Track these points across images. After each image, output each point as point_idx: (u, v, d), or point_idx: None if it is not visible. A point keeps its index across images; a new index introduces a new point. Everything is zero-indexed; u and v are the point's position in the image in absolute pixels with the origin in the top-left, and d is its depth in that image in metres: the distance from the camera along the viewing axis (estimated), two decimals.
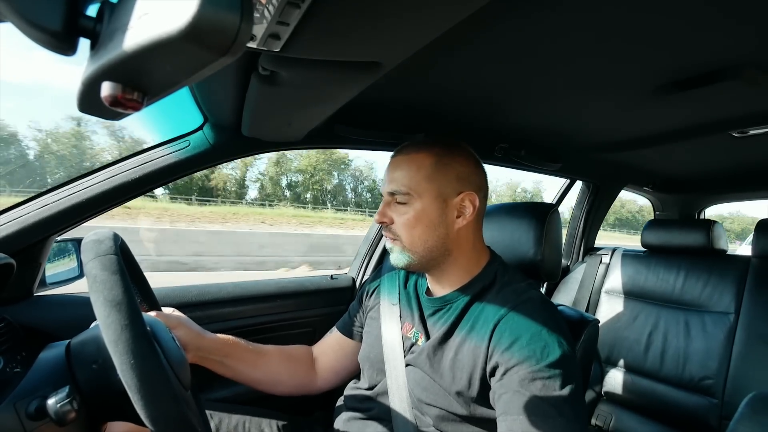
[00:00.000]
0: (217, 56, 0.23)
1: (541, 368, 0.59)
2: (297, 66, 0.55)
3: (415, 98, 0.93)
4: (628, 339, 1.48)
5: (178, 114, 0.88)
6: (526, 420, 0.57)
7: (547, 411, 0.57)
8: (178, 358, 0.57)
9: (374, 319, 0.85)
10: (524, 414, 0.58)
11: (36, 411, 0.47)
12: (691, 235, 1.45)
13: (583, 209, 1.88)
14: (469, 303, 0.72)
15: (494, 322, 0.66)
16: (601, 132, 1.18)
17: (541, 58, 0.71)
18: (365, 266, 1.39)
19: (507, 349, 0.62)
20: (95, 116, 0.29)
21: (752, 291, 1.30)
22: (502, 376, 0.62)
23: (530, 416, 0.57)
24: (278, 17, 0.41)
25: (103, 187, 0.80)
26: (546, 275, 0.87)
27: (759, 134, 1.04)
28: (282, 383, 0.88)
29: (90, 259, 0.46)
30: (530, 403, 0.58)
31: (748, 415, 0.63)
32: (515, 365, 0.61)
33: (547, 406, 0.57)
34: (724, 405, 1.23)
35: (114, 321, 0.42)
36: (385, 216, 0.73)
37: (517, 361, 0.61)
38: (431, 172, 0.70)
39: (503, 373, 0.62)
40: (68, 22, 0.25)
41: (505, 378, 0.61)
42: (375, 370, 0.81)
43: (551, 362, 0.60)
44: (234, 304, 1.09)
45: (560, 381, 0.59)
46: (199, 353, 0.77)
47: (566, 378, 0.59)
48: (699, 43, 0.64)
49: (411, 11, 0.43)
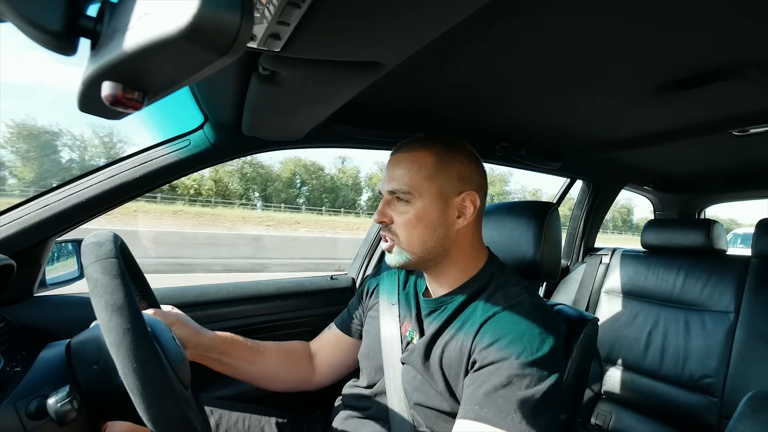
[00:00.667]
0: (218, 56, 0.23)
1: (513, 367, 0.59)
2: (297, 66, 0.55)
3: (415, 97, 0.93)
4: (628, 338, 1.48)
5: (178, 113, 0.88)
6: (480, 409, 0.58)
7: (503, 407, 0.57)
8: (178, 357, 0.56)
9: (374, 318, 0.85)
10: (480, 403, 0.58)
11: (36, 410, 0.47)
12: (690, 234, 1.45)
13: (583, 209, 1.88)
14: (463, 304, 0.72)
15: (481, 322, 0.66)
16: (601, 131, 1.18)
17: (541, 58, 0.71)
18: (365, 266, 1.39)
19: (486, 347, 0.63)
20: (96, 116, 0.29)
21: (752, 290, 1.30)
22: (475, 371, 0.62)
23: (484, 406, 0.58)
24: (278, 17, 0.41)
25: (103, 187, 0.80)
26: (545, 275, 0.87)
27: (759, 133, 1.04)
28: (280, 379, 0.88)
29: (91, 263, 0.46)
30: (490, 396, 0.58)
31: (748, 413, 0.64)
32: (489, 363, 0.61)
33: (504, 402, 0.57)
34: (724, 404, 1.23)
35: (116, 325, 0.42)
36: (384, 215, 0.72)
37: (493, 359, 0.61)
38: (433, 171, 0.70)
39: (476, 369, 0.62)
40: (68, 22, 0.25)
41: (477, 372, 0.62)
42: (374, 369, 0.81)
43: (524, 363, 0.59)
44: (234, 304, 1.09)
45: (527, 381, 0.58)
46: (198, 351, 0.77)
47: (536, 381, 0.59)
48: (699, 42, 0.64)
49: (411, 11, 0.43)
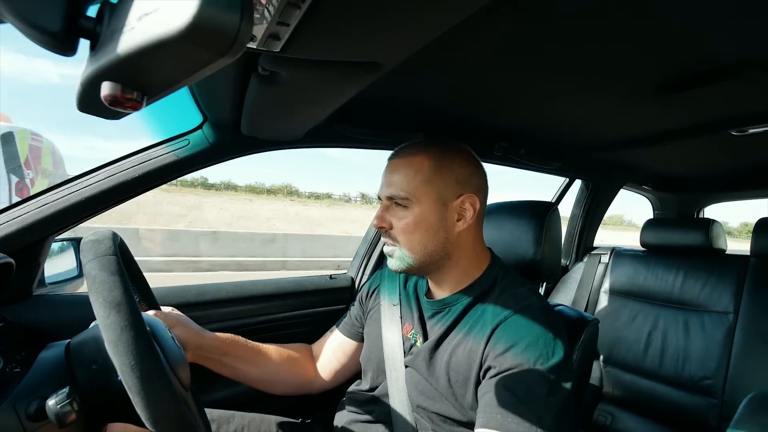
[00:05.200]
0: (217, 56, 0.23)
1: (532, 374, 0.59)
2: (297, 66, 0.55)
3: (415, 97, 0.93)
4: (628, 338, 1.48)
5: (177, 113, 0.88)
6: (503, 419, 0.57)
7: (525, 414, 0.56)
8: (178, 357, 0.56)
9: (375, 320, 0.85)
10: (502, 413, 0.58)
11: (36, 412, 0.47)
12: (690, 234, 1.45)
13: (583, 208, 1.88)
14: (468, 306, 0.71)
15: (492, 326, 0.66)
16: (600, 131, 1.18)
17: (541, 57, 0.71)
18: (364, 266, 1.39)
19: (502, 353, 0.62)
20: (95, 116, 0.29)
21: (751, 290, 1.30)
22: (492, 377, 0.62)
23: (507, 416, 0.57)
24: (278, 17, 0.41)
25: (102, 186, 0.80)
26: (545, 275, 0.86)
27: (758, 133, 1.04)
28: (281, 382, 0.87)
29: (89, 260, 0.46)
30: (511, 404, 0.58)
31: (748, 415, 0.63)
32: (507, 369, 0.61)
33: (526, 410, 0.57)
34: (724, 405, 1.23)
35: (114, 322, 0.42)
36: (383, 221, 0.72)
37: (510, 366, 0.61)
38: (430, 175, 0.69)
39: (493, 375, 0.62)
40: (68, 23, 0.25)
41: (494, 379, 0.61)
42: (376, 372, 0.80)
43: (543, 369, 0.59)
44: (233, 304, 1.09)
45: (548, 388, 0.58)
46: (199, 352, 0.77)
47: (555, 387, 0.59)
48: (699, 42, 0.64)
49: (410, 11, 0.43)
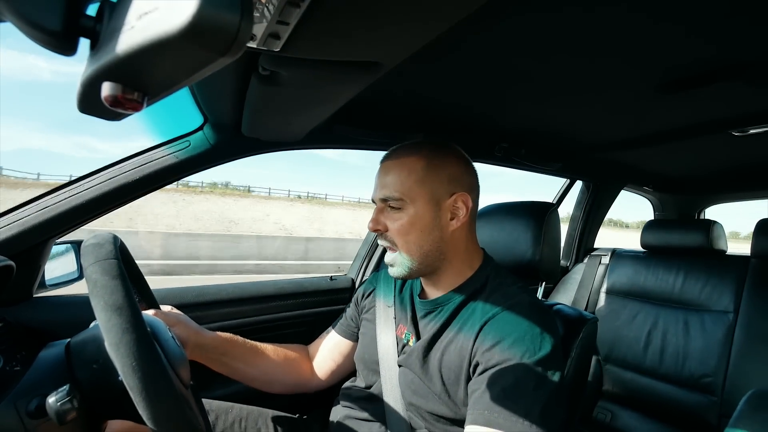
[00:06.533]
0: (217, 56, 0.23)
1: (519, 368, 0.59)
2: (297, 66, 0.55)
3: (415, 98, 0.93)
4: (628, 337, 1.48)
5: (178, 114, 0.88)
6: (490, 414, 0.57)
7: (513, 408, 0.57)
8: (178, 356, 0.56)
9: (369, 321, 0.86)
10: (490, 408, 0.58)
11: (36, 409, 0.47)
12: (690, 235, 1.46)
13: (583, 210, 1.88)
14: (460, 305, 0.72)
15: (481, 323, 0.66)
16: (601, 131, 1.18)
17: (541, 58, 0.71)
18: (364, 267, 1.39)
19: (489, 349, 0.63)
20: (95, 116, 0.29)
21: (751, 290, 1.30)
22: (481, 374, 0.62)
23: (495, 411, 0.57)
24: (278, 17, 0.42)
25: (102, 189, 0.80)
26: (544, 275, 0.86)
27: (759, 133, 1.05)
28: (278, 381, 0.88)
29: (90, 264, 0.46)
30: (498, 399, 0.58)
31: (747, 412, 0.64)
32: (495, 365, 0.61)
33: (513, 404, 0.57)
34: (723, 403, 1.23)
35: (115, 325, 0.42)
36: (378, 223, 0.73)
37: (497, 361, 0.61)
38: (423, 175, 0.70)
39: (482, 372, 0.62)
40: (68, 22, 0.25)
41: (482, 375, 0.62)
42: (370, 371, 0.81)
43: (530, 363, 0.59)
44: (233, 305, 1.09)
45: (535, 382, 0.59)
46: (198, 350, 0.77)
47: (543, 380, 0.59)
48: (699, 42, 0.64)
49: (410, 11, 0.43)
